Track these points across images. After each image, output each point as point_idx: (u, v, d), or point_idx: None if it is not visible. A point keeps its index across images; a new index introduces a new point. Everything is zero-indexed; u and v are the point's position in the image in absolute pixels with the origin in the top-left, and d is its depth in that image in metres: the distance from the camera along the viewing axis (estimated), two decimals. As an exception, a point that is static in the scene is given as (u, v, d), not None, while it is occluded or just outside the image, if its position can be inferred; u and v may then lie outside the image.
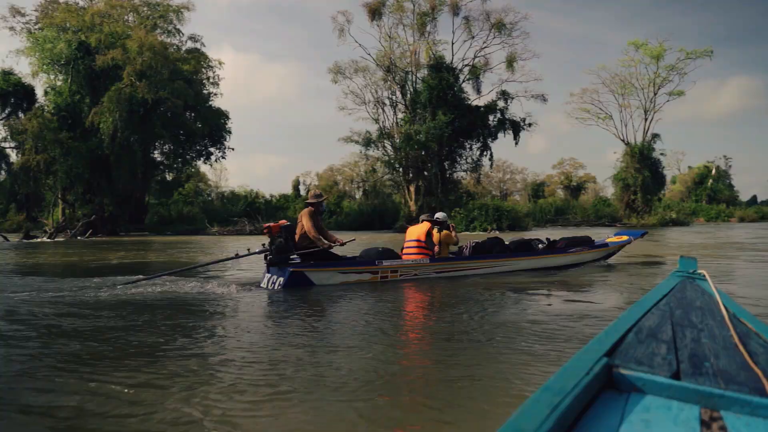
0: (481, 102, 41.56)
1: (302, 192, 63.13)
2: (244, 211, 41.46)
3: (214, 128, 41.88)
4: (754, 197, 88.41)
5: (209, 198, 56.98)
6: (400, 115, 41.25)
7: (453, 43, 40.80)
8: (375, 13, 40.36)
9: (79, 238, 29.06)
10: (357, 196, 65.58)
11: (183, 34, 41.37)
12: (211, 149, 43.21)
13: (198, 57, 41.08)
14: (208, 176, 63.72)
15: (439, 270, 8.82)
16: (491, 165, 43.19)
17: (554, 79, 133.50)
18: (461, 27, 40.58)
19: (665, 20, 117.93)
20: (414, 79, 40.28)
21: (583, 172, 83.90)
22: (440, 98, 37.45)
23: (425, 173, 39.53)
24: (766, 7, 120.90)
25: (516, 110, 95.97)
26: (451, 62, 40.20)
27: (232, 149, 43.92)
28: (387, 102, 41.91)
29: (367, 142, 40.56)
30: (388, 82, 41.08)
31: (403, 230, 35.04)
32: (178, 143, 41.35)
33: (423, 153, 38.27)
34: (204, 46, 42.44)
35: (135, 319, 5.28)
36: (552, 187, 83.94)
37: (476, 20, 40.16)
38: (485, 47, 40.89)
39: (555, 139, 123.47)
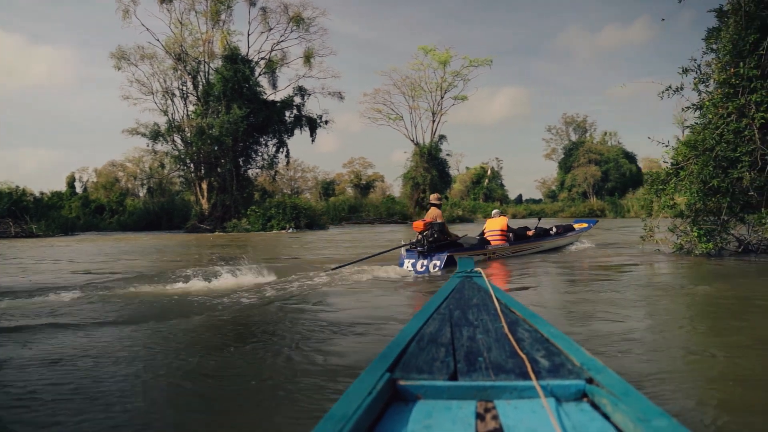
0: (277, 97, 40.80)
1: (78, 189, 56.89)
2: (9, 211, 36.01)
3: (-34, 113, 35.96)
4: (520, 196, 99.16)
5: (-39, 195, 49.00)
6: (192, 108, 38.69)
7: (249, 35, 39.44)
8: (164, -4, 37.58)
9: None
10: (141, 194, 60.94)
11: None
12: (-37, 137, 37.12)
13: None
14: (-39, 170, 55.07)
15: (514, 251, 11.45)
16: (288, 162, 42.55)
17: (347, 80, 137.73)
18: (258, 18, 39.37)
19: (452, 31, 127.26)
20: (207, 69, 38.18)
21: (372, 171, 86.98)
22: (235, 91, 35.93)
23: (218, 170, 37.61)
24: (533, 29, 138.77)
25: (313, 107, 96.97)
26: (247, 54, 38.76)
27: (-9, 139, 38.09)
28: (177, 93, 39.09)
29: (155, 135, 37.45)
30: (179, 72, 38.43)
31: (196, 230, 33.47)
32: None
33: (216, 148, 36.37)
34: (-48, 15, 36.18)
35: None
36: (342, 185, 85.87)
37: (274, 12, 39.26)
38: (282, 41, 40.19)
39: (346, 138, 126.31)
